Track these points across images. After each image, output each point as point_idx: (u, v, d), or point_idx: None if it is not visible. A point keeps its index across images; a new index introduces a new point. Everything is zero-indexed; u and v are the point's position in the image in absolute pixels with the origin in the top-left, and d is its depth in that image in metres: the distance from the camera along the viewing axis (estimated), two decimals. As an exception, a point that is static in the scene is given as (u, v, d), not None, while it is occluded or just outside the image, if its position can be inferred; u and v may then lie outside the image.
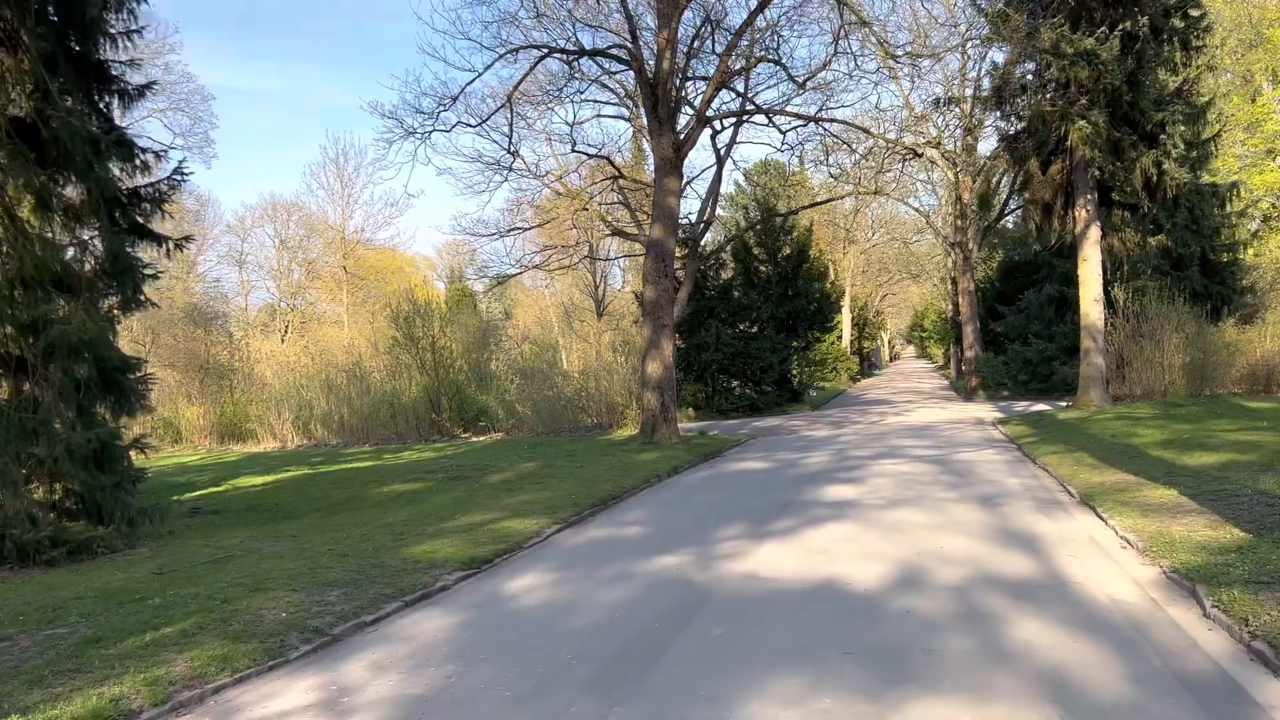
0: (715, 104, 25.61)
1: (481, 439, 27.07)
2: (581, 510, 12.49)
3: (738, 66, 21.89)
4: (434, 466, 18.58)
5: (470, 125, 23.14)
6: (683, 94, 22.43)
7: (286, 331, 49.43)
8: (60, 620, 7.44)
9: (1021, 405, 28.87)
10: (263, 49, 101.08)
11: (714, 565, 8.76)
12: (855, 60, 21.52)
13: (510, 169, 26.03)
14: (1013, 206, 38.25)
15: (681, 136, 21.50)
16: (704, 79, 22.96)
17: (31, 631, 7.15)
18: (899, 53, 20.96)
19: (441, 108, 21.59)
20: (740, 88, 25.55)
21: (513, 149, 24.12)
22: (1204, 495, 9.85)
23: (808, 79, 21.94)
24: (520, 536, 10.65)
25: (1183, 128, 22.73)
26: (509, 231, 34.94)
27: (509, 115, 23.16)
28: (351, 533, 11.29)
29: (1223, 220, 31.12)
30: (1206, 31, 23.94)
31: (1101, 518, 9.75)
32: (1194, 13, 23.29)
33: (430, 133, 21.67)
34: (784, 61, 21.63)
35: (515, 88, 22.64)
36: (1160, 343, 23.32)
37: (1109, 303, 23.72)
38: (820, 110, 23.77)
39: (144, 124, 48.12)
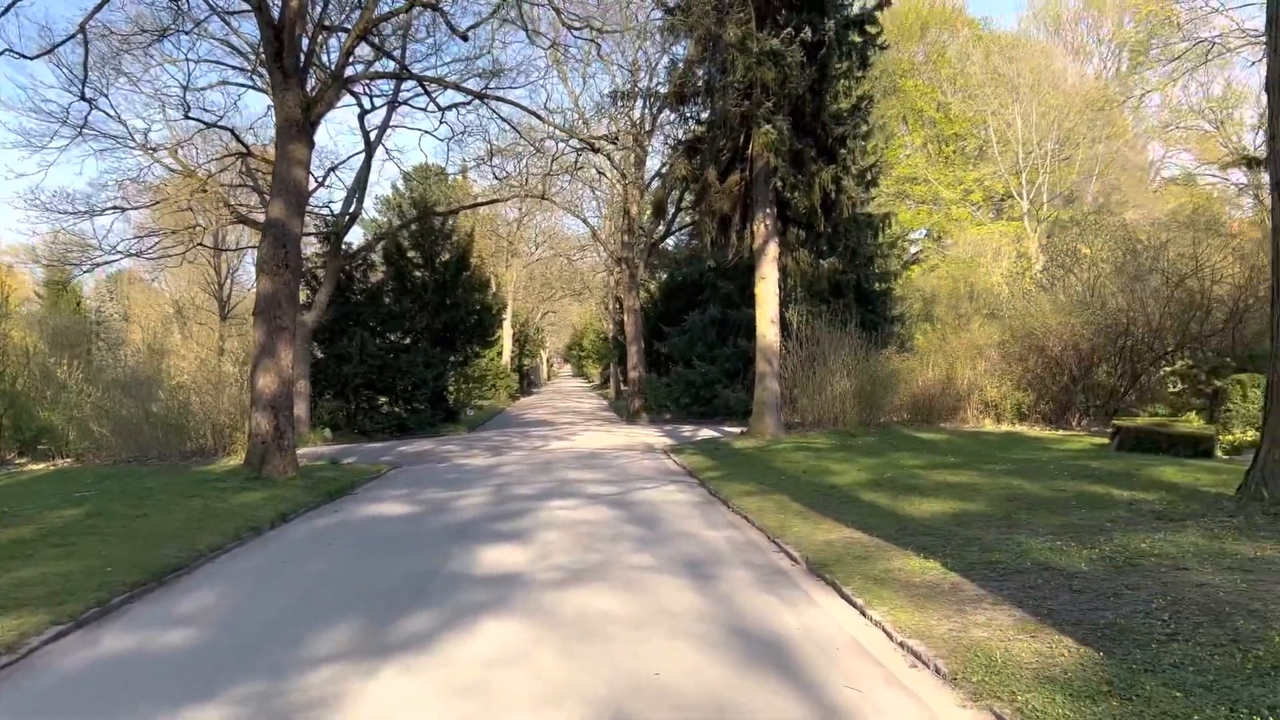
0: (367, 69, 21.63)
1: (40, 468, 20.96)
2: (111, 596, 8.18)
3: (385, 10, 18.09)
4: (-77, 516, 13.01)
5: (26, 56, 17.50)
6: (319, 45, 18.29)
7: None
8: None
9: (688, 430, 27.22)
10: None
11: (286, 733, 5.05)
12: (526, 23, 18.24)
13: (85, 123, 20.33)
14: (678, 225, 37.22)
15: (313, 95, 17.34)
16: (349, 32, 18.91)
17: None
18: (576, 23, 18.17)
19: (-23, 23, 15.92)
20: (398, 55, 21.76)
21: (87, 95, 18.64)
22: (977, 570, 7.54)
23: (472, 29, 18.59)
24: (-34, 662, 6.30)
25: (863, 142, 21.95)
26: (104, 210, 28.63)
27: (84, 51, 17.75)
28: None
29: (876, 250, 31.60)
30: (882, 50, 23.50)
31: (854, 603, 7.12)
32: (871, 29, 22.67)
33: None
34: (442, 6, 18.05)
35: (92, 14, 17.32)
36: (833, 369, 22.31)
37: (782, 325, 22.42)
38: (486, 88, 20.51)
39: None
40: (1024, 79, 48.58)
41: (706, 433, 25.25)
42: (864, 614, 6.86)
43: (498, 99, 20.53)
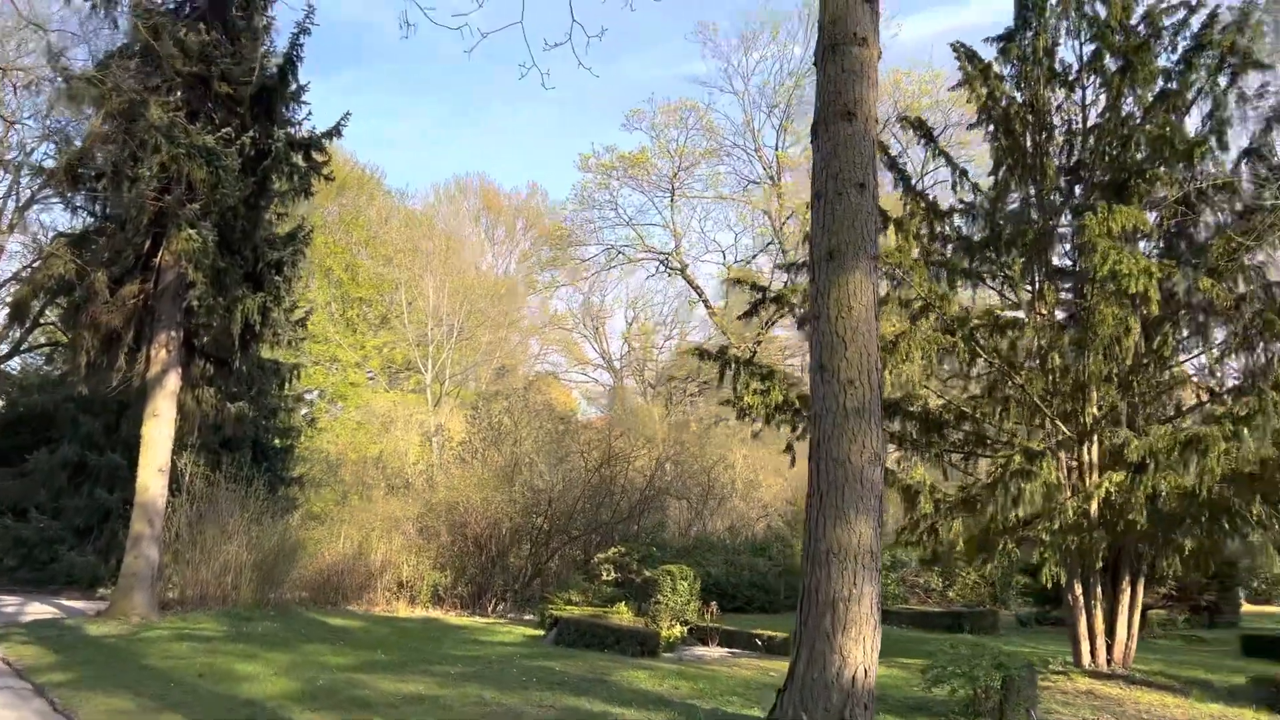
0: None
1: None
2: None
3: None
4: None
5: None
6: None
7: None
8: None
9: (12, 604, 20.62)
10: None
11: None
12: None
13: None
14: (30, 343, 30.16)
15: None
16: None
17: None
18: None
19: None
20: None
21: None
22: None
23: None
24: None
25: (300, 270, 19.25)
26: None
27: None
28: None
29: (281, 402, 28.33)
30: (328, 180, 21.31)
31: None
32: (318, 156, 20.40)
33: None
34: None
35: None
36: (230, 534, 18.38)
37: (172, 477, 18.19)
38: None
39: None
40: (437, 256, 49.75)
41: (41, 609, 19.19)
42: None
43: None
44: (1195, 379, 13.88)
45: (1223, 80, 13.43)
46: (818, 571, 8.13)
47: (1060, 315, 14.02)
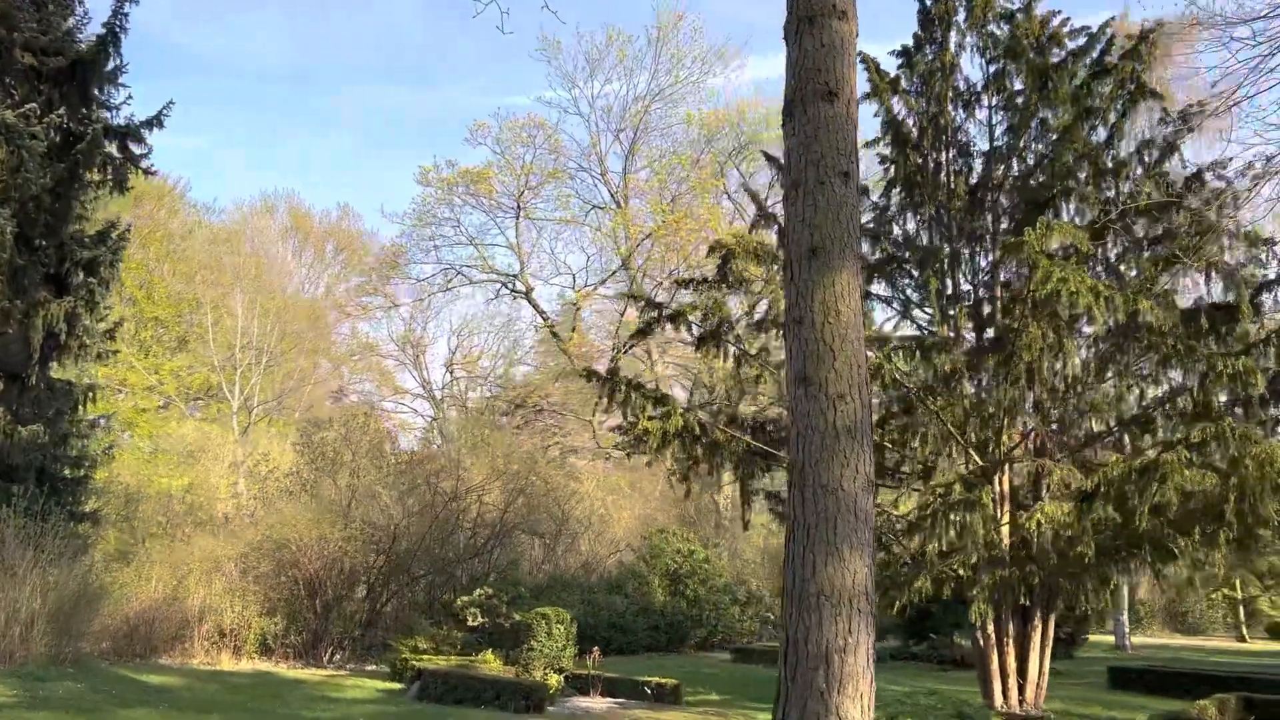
0: None
1: None
2: None
3: None
4: None
5: None
6: None
7: None
8: None
9: None
10: None
11: None
12: None
13: None
14: None
15: None
16: None
17: None
18: None
19: None
20: None
21: None
22: None
23: None
24: None
25: (117, 270, 16.86)
26: None
27: None
28: None
29: (73, 427, 24.98)
30: (149, 176, 18.93)
31: None
32: (136, 149, 18.05)
33: None
34: None
35: None
36: (21, 580, 15.55)
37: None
38: None
39: None
40: (248, 274, 46.36)
41: None
42: None
43: None
44: (1107, 408, 13.80)
45: (1120, 105, 13.53)
46: (806, 618, 7.03)
47: (968, 339, 13.68)
